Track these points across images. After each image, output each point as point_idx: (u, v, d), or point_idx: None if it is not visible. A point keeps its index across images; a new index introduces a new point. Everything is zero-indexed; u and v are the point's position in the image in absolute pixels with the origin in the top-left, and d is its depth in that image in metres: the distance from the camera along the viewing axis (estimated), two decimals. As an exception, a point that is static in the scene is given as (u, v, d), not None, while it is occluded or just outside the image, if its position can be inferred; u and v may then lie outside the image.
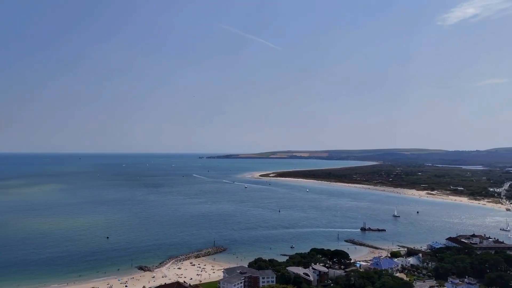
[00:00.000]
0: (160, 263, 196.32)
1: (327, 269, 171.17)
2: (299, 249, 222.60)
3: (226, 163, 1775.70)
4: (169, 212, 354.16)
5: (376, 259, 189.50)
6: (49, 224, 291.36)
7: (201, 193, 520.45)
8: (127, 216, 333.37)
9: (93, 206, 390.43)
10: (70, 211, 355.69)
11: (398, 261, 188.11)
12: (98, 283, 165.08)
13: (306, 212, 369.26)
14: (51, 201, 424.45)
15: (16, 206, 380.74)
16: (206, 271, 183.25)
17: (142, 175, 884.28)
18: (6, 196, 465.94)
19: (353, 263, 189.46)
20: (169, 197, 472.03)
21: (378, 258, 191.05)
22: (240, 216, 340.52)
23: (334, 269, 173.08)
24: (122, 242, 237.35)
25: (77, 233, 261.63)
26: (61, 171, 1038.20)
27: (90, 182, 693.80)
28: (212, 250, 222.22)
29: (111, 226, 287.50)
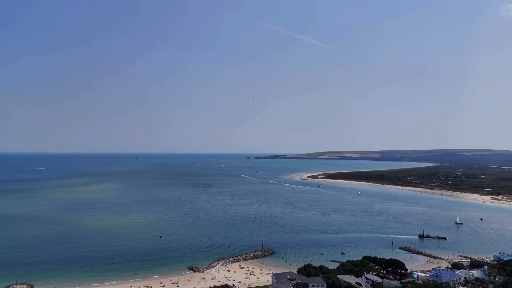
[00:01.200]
0: (210, 264, 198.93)
1: (381, 279, 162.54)
2: (350, 255, 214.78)
3: (274, 163, 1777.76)
4: (218, 213, 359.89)
5: (436, 270, 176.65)
6: (107, 221, 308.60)
7: (249, 194, 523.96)
8: (179, 215, 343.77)
9: (148, 205, 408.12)
10: (126, 209, 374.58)
11: (460, 274, 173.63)
12: (152, 282, 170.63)
13: (356, 216, 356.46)
14: (109, 199, 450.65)
15: (78, 203, 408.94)
16: (254, 275, 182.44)
17: (193, 175, 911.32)
18: (69, 194, 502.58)
19: (410, 273, 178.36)
20: (218, 197, 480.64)
21: (437, 269, 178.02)
22: (288, 218, 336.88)
23: (388, 280, 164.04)
24: (174, 241, 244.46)
25: (132, 231, 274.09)
26: (119, 171, 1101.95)
27: (145, 181, 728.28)
28: (261, 253, 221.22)
29: (163, 225, 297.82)
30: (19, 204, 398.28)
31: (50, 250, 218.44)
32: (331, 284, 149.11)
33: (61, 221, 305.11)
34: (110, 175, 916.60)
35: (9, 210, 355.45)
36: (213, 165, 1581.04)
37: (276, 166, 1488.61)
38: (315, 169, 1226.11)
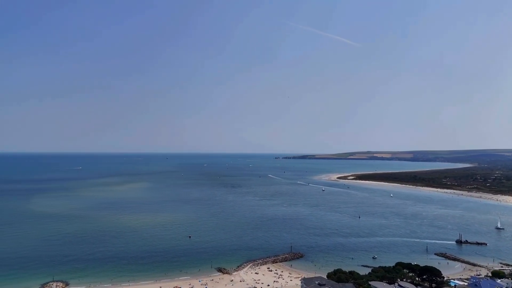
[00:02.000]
0: (238, 266, 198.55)
1: (416, 287, 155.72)
2: (381, 260, 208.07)
3: (302, 163, 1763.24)
4: (247, 213, 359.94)
5: (475, 278, 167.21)
6: (138, 221, 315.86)
7: (277, 195, 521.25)
8: (207, 216, 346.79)
9: (177, 204, 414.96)
10: (157, 209, 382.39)
11: (502, 283, 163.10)
12: (181, 282, 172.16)
13: (388, 219, 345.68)
14: (140, 199, 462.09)
15: (111, 202, 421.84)
16: (283, 278, 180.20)
17: (222, 175, 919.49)
18: (103, 193, 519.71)
19: (447, 281, 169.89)
20: (246, 198, 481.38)
21: (476, 278, 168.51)
22: (317, 220, 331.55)
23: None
24: (203, 242, 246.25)
25: (162, 231, 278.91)
26: (150, 170, 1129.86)
27: (175, 181, 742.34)
28: (289, 256, 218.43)
29: (193, 225, 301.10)
30: (56, 203, 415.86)
31: (84, 248, 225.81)
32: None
33: (95, 220, 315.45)
34: (142, 174, 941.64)
35: (46, 209, 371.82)
36: (241, 165, 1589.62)
37: (304, 166, 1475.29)
38: (345, 170, 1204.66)
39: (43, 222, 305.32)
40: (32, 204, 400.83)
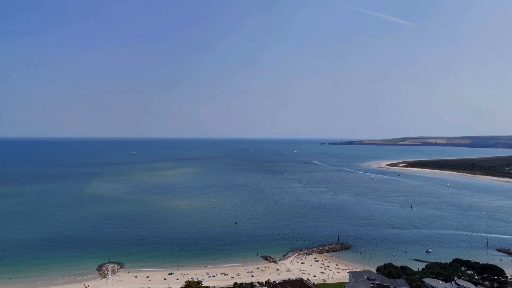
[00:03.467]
0: (284, 255, 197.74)
1: (475, 286, 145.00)
2: (436, 255, 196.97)
3: (350, 150, 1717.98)
4: (291, 201, 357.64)
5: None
6: (187, 206, 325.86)
7: (322, 182, 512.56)
8: (253, 202, 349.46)
9: (224, 190, 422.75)
10: (204, 194, 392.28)
11: None
12: (227, 269, 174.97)
13: (442, 210, 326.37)
14: (189, 183, 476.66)
15: (162, 187, 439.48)
16: (330, 270, 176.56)
17: (267, 161, 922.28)
18: (154, 177, 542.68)
19: (511, 281, 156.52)
20: (291, 185, 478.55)
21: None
22: (365, 210, 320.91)
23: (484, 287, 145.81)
24: (249, 229, 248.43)
25: (210, 216, 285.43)
26: (198, 156, 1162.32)
27: (221, 166, 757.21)
28: (336, 246, 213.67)
29: (238, 211, 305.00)
30: (111, 186, 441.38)
31: (136, 232, 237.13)
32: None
33: (147, 204, 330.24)
34: (191, 159, 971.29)
35: (103, 192, 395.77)
36: (286, 151, 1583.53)
37: (351, 152, 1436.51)
38: (395, 156, 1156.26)
39: (99, 205, 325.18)
40: (90, 188, 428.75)
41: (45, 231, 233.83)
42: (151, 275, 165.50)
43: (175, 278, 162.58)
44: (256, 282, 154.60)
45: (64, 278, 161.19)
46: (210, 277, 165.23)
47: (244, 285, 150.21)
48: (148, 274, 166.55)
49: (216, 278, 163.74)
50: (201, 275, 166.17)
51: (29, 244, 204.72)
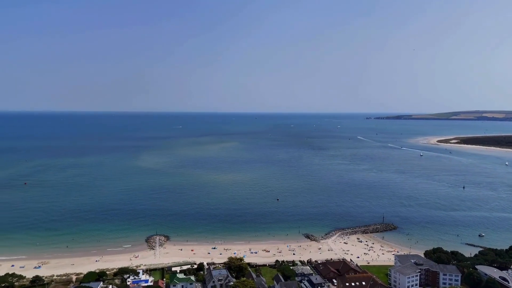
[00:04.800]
0: (326, 234, 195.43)
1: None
2: (489, 240, 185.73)
3: (397, 125, 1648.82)
4: (333, 178, 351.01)
5: None
6: (229, 180, 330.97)
7: (366, 159, 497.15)
8: (294, 178, 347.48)
9: (265, 165, 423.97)
10: (246, 169, 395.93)
11: None
12: (269, 246, 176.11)
13: (497, 191, 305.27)
14: (231, 158, 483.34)
15: (205, 161, 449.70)
16: (374, 251, 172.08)
17: (309, 136, 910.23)
18: (198, 152, 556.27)
19: None
20: (333, 161, 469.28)
21: None
22: (412, 189, 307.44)
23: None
24: (290, 206, 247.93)
25: (252, 191, 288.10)
26: (240, 130, 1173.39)
27: (262, 141, 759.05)
28: (381, 227, 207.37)
29: (280, 187, 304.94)
30: (159, 160, 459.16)
31: (182, 205, 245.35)
32: (467, 276, 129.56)
33: (191, 178, 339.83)
34: (233, 134, 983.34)
35: (151, 165, 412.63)
36: (329, 126, 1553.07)
37: (399, 128, 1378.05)
38: (447, 132, 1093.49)
39: (146, 178, 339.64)
40: (138, 161, 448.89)
41: (98, 202, 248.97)
42: (195, 249, 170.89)
43: (218, 253, 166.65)
44: (297, 261, 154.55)
45: (115, 248, 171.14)
46: (252, 253, 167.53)
47: (285, 263, 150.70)
48: (192, 248, 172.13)
49: (258, 254, 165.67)
50: (243, 251, 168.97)
51: (84, 215, 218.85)
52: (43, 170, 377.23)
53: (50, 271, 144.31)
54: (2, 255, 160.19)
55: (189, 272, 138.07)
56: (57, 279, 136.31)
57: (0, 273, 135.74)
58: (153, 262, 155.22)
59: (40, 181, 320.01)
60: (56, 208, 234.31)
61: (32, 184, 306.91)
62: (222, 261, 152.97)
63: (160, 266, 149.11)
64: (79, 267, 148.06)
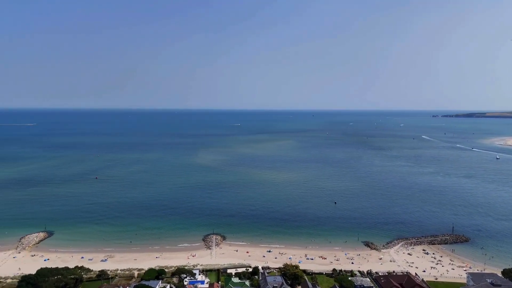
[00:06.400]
0: (388, 242, 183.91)
1: None
2: None
3: (468, 123, 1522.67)
4: (395, 181, 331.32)
5: None
6: (284, 180, 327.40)
7: (433, 161, 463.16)
8: (352, 180, 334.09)
9: (322, 166, 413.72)
10: (302, 168, 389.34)
11: None
12: (326, 252, 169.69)
13: None
14: (287, 157, 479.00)
15: (261, 159, 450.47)
16: (442, 265, 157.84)
17: (369, 136, 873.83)
18: (254, 149, 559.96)
19: None
20: (395, 163, 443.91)
21: None
22: (486, 197, 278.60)
23: None
24: (348, 210, 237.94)
25: (307, 193, 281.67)
26: (297, 128, 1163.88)
27: (319, 140, 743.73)
28: (450, 238, 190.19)
29: (337, 190, 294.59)
30: (216, 157, 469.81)
31: (241, 205, 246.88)
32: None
33: (246, 176, 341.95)
34: (289, 132, 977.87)
35: (207, 163, 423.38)
36: (391, 124, 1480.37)
37: (470, 127, 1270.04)
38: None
39: (203, 175, 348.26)
40: (198, 158, 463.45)
41: (159, 199, 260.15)
42: (250, 251, 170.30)
43: (274, 257, 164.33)
44: (356, 271, 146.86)
45: (174, 246, 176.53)
46: (308, 259, 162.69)
47: (343, 273, 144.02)
48: (248, 250, 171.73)
49: (315, 261, 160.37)
50: (299, 256, 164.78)
51: (146, 212, 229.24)
52: (111, 165, 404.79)
53: (114, 265, 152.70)
54: (75, 247, 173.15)
55: (244, 276, 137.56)
56: (121, 273, 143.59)
57: (72, 264, 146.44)
58: (209, 262, 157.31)
59: (109, 176, 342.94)
60: (121, 203, 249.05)
61: (101, 179, 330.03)
62: (277, 266, 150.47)
63: (216, 267, 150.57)
64: (141, 263, 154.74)
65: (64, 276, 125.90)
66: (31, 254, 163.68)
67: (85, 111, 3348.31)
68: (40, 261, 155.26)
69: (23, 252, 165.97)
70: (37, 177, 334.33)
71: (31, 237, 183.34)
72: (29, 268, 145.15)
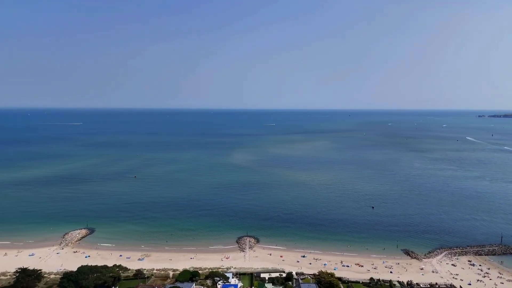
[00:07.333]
0: (430, 251, 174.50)
1: None
2: None
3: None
4: (437, 186, 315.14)
5: None
6: (319, 182, 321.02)
7: (479, 164, 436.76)
8: (391, 184, 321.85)
9: (358, 168, 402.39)
10: (338, 171, 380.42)
11: None
12: (364, 260, 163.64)
13: None
14: (321, 158, 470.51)
15: (295, 160, 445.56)
16: (490, 278, 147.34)
17: (409, 136, 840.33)
18: (288, 150, 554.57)
19: None
20: (437, 166, 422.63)
21: None
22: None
23: None
24: (386, 215, 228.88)
25: (343, 197, 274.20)
26: (332, 128, 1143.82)
27: (356, 141, 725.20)
28: (499, 249, 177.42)
29: (374, 193, 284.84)
30: (250, 158, 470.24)
31: (272, 206, 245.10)
32: None
33: (280, 177, 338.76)
34: (325, 132, 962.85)
35: (241, 163, 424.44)
36: (432, 124, 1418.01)
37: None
38: None
39: (239, 175, 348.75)
40: (232, 158, 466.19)
41: (194, 199, 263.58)
42: (284, 255, 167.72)
43: (308, 262, 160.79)
44: (395, 281, 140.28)
45: (208, 247, 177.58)
46: (344, 266, 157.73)
47: (382, 283, 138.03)
48: (282, 254, 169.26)
49: (351, 268, 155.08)
50: (334, 263, 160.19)
51: (181, 213, 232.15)
52: (149, 164, 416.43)
53: (151, 264, 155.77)
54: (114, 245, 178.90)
55: (277, 281, 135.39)
56: (156, 273, 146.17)
57: (110, 261, 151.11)
58: (242, 265, 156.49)
59: (147, 175, 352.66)
60: (158, 202, 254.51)
61: (140, 178, 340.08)
62: (311, 272, 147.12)
63: (249, 271, 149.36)
64: (176, 263, 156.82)
65: (103, 274, 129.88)
66: (73, 251, 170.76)
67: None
68: (81, 258, 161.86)
69: (66, 248, 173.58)
70: (80, 174, 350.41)
71: (73, 233, 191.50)
72: (71, 264, 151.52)
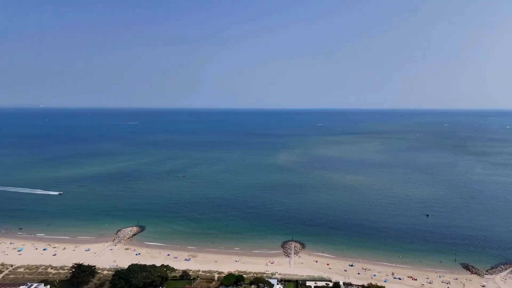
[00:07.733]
0: (492, 267, 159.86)
1: None
2: None
3: None
4: (500, 194, 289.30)
5: None
6: (369, 188, 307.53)
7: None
8: (447, 190, 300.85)
9: (411, 172, 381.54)
10: (389, 175, 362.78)
11: None
12: (417, 273, 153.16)
13: None
14: (371, 161, 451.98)
15: (342, 163, 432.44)
16: None
17: (467, 139, 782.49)
18: (336, 152, 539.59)
19: None
20: (500, 172, 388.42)
21: None
22: None
23: None
24: (443, 225, 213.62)
25: (395, 203, 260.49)
26: (383, 129, 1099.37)
27: (408, 143, 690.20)
28: None
29: (429, 200, 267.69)
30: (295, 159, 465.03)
31: (318, 210, 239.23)
32: None
33: (326, 180, 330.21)
34: (374, 133, 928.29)
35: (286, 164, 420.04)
36: (494, 126, 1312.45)
37: None
38: None
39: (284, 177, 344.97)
40: (277, 159, 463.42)
41: (240, 200, 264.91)
42: (331, 263, 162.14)
43: (356, 272, 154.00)
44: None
45: (254, 250, 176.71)
46: (395, 278, 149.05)
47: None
48: (328, 261, 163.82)
49: (403, 281, 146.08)
50: (385, 274, 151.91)
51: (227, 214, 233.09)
52: (197, 164, 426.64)
53: (197, 265, 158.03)
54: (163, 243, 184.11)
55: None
56: (202, 275, 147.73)
57: (159, 260, 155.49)
58: (287, 271, 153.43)
59: (195, 175, 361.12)
60: (205, 203, 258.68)
61: (188, 177, 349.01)
62: (360, 283, 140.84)
63: (294, 277, 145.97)
64: (221, 265, 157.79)
65: (151, 273, 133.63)
66: (125, 248, 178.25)
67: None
68: (132, 255, 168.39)
69: (118, 245, 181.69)
70: (133, 172, 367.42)
71: (126, 230, 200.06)
72: (122, 261, 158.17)
